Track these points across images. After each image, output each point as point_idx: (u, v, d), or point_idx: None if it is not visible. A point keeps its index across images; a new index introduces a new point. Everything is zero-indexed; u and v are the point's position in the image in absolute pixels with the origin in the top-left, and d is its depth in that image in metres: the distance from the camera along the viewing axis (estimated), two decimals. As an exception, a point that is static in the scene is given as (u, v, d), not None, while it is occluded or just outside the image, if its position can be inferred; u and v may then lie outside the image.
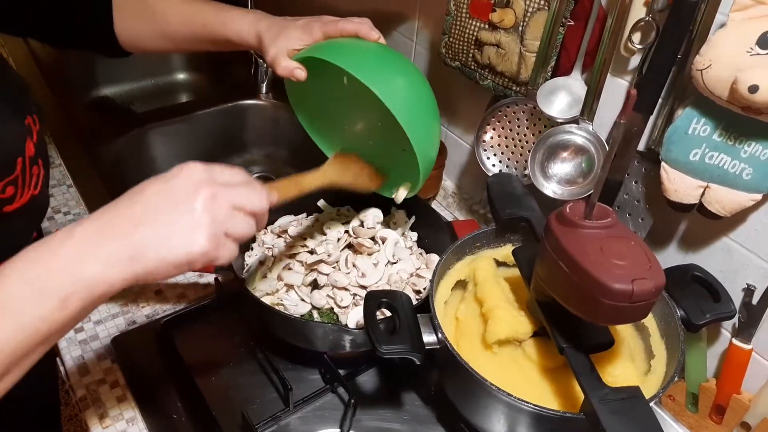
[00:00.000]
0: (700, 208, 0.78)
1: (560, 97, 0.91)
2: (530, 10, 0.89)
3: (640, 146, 0.84)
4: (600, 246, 0.60)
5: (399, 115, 0.73)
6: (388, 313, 0.74)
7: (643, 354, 0.78)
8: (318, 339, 0.82)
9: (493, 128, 1.02)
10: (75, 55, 1.59)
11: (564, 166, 0.92)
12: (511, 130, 1.01)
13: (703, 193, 0.77)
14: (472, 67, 1.01)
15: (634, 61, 0.84)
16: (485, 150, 1.04)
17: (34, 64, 1.55)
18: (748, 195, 0.74)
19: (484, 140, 1.03)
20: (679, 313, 0.74)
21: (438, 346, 0.70)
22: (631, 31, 0.80)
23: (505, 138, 1.02)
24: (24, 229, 0.73)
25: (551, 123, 0.93)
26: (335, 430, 0.81)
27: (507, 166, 1.03)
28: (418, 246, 1.01)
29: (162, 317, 0.93)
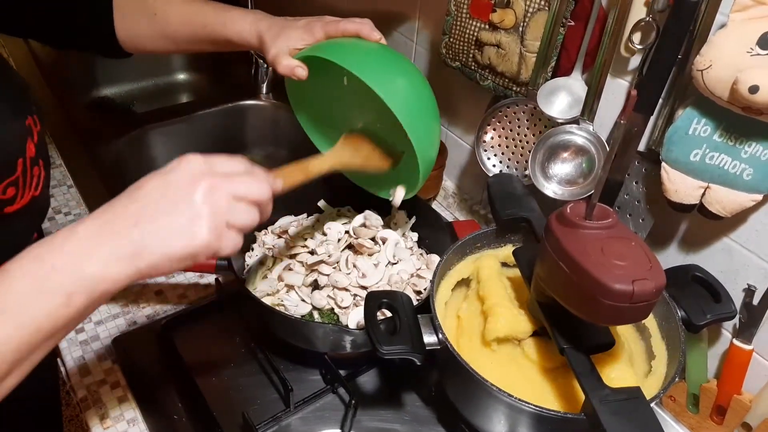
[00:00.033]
0: (701, 208, 0.78)
1: (560, 98, 0.91)
2: (530, 10, 0.89)
3: (641, 146, 0.84)
4: (600, 246, 0.60)
5: (400, 115, 0.73)
6: (388, 314, 0.74)
7: (644, 355, 0.78)
8: (318, 339, 0.82)
9: (494, 128, 1.02)
10: (75, 56, 1.59)
11: (564, 167, 0.92)
12: (511, 130, 1.00)
13: (704, 194, 0.77)
14: (473, 68, 1.01)
15: (635, 61, 0.84)
16: (486, 150, 1.04)
17: (35, 65, 1.55)
18: (749, 195, 0.74)
19: (485, 140, 1.03)
20: (680, 314, 0.74)
21: (438, 347, 0.70)
22: (632, 32, 0.80)
23: (506, 138, 1.02)
24: (25, 230, 0.73)
25: (551, 123, 0.93)
26: (336, 431, 0.81)
27: (507, 167, 1.03)
28: (418, 246, 1.01)
29: (162, 318, 0.94)
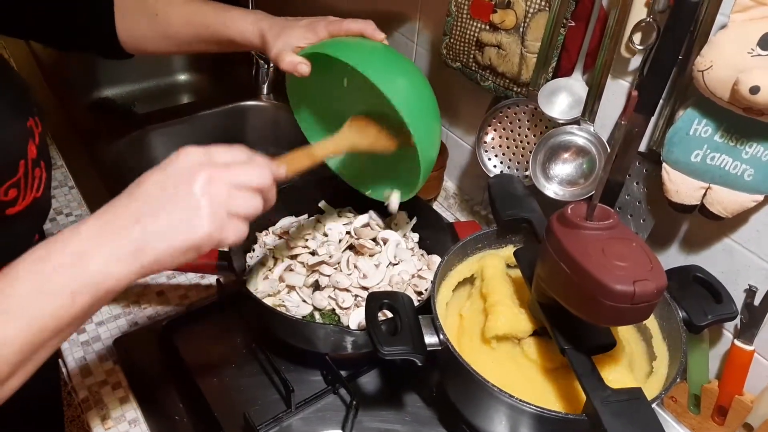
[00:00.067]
0: (702, 209, 0.78)
1: (561, 98, 0.91)
2: (531, 11, 0.89)
3: (642, 147, 0.84)
4: (601, 247, 0.61)
5: (404, 113, 0.73)
6: (389, 315, 0.74)
7: (645, 355, 0.78)
8: (319, 340, 0.83)
9: (494, 129, 1.02)
10: (76, 57, 1.59)
11: (565, 167, 0.92)
12: (512, 131, 1.01)
13: (705, 194, 0.77)
14: (473, 68, 1.01)
15: (635, 61, 0.84)
16: (486, 151, 1.04)
17: (36, 65, 1.56)
18: (750, 196, 0.74)
19: (485, 141, 1.03)
20: (681, 315, 0.74)
21: (439, 348, 0.70)
22: (632, 32, 0.80)
23: (506, 139, 1.02)
24: (26, 231, 0.73)
25: (552, 124, 0.93)
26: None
27: (508, 167, 1.03)
28: (419, 247, 1.01)
29: (164, 318, 0.94)
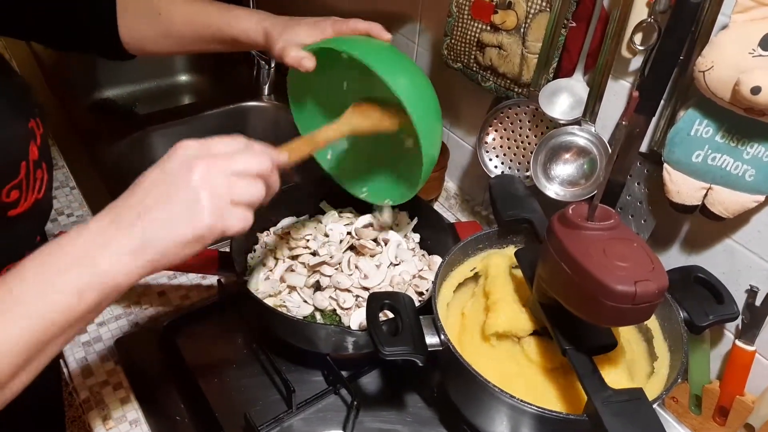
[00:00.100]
0: (703, 209, 0.78)
1: (562, 99, 0.91)
2: (532, 11, 0.89)
3: (643, 148, 0.84)
4: (602, 248, 0.60)
5: (409, 109, 0.74)
6: (390, 315, 0.74)
7: (646, 356, 0.78)
8: (320, 340, 0.83)
9: (495, 130, 1.02)
10: (77, 57, 1.59)
11: (566, 168, 0.92)
12: (513, 131, 1.01)
13: (706, 195, 0.77)
14: (474, 69, 1.01)
15: (636, 62, 0.84)
16: (487, 151, 1.04)
17: (37, 66, 1.56)
18: (751, 196, 0.74)
19: (486, 142, 1.03)
20: (682, 315, 0.74)
21: (440, 348, 0.70)
22: (633, 33, 0.80)
23: (507, 139, 1.02)
24: (28, 233, 0.73)
25: (553, 124, 0.93)
26: (338, 432, 0.81)
27: (509, 168, 1.03)
28: (420, 248, 1.01)
29: (165, 319, 0.94)
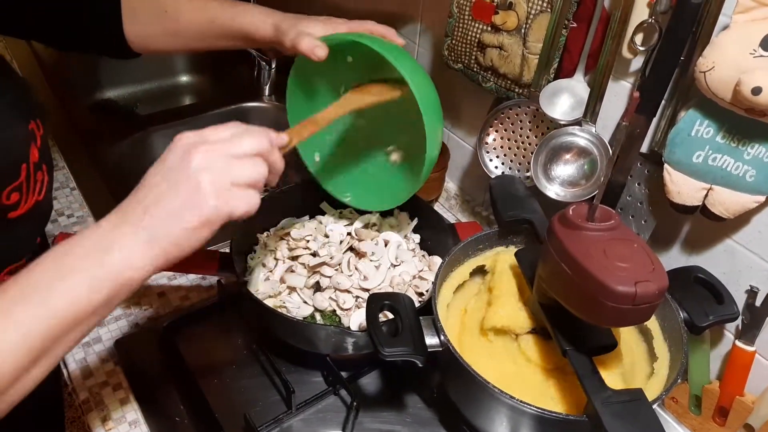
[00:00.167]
0: (703, 210, 0.78)
1: (563, 99, 0.91)
2: (533, 12, 0.89)
3: (643, 148, 0.84)
4: (603, 248, 0.60)
5: (420, 105, 0.74)
6: (390, 316, 0.74)
7: (646, 356, 0.78)
8: (320, 341, 0.82)
9: (496, 130, 1.02)
10: (78, 57, 1.59)
11: (567, 168, 0.92)
12: (513, 132, 1.00)
13: (706, 195, 0.77)
14: (475, 69, 1.01)
15: (637, 62, 0.84)
16: (488, 152, 1.04)
17: (37, 66, 1.56)
18: (752, 197, 0.74)
19: (487, 142, 1.03)
20: (682, 315, 0.74)
21: (440, 349, 0.70)
22: (634, 33, 0.80)
23: (508, 140, 1.02)
24: (28, 234, 0.73)
25: (554, 125, 0.93)
26: (338, 433, 0.81)
27: (510, 168, 1.03)
28: (420, 248, 1.00)
29: (164, 319, 0.94)
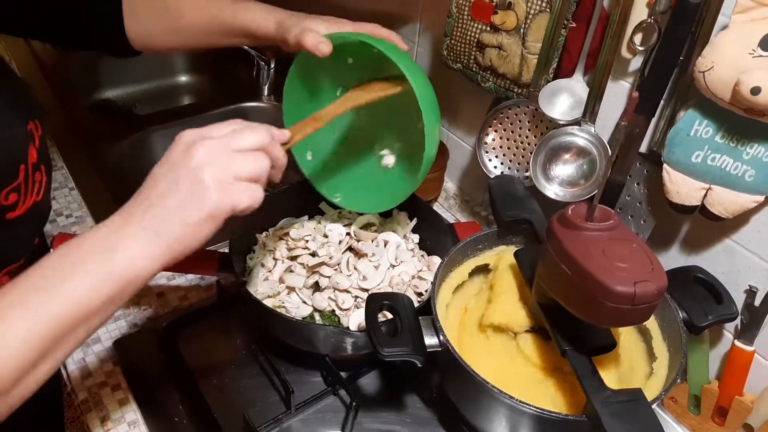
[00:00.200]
0: (702, 209, 0.78)
1: (562, 99, 0.91)
2: (532, 12, 0.89)
3: (642, 148, 0.84)
4: (602, 248, 0.60)
5: (422, 105, 0.75)
6: (389, 316, 0.74)
7: (645, 356, 0.78)
8: (319, 341, 0.82)
9: (495, 130, 1.02)
10: (77, 57, 1.59)
11: (566, 168, 0.92)
12: (512, 132, 1.00)
13: (705, 195, 0.77)
14: (474, 69, 1.01)
15: (636, 62, 0.84)
16: (487, 152, 1.03)
17: (36, 66, 1.56)
18: (751, 197, 0.74)
19: (486, 142, 1.03)
20: (682, 315, 0.74)
21: (440, 349, 0.70)
22: (633, 33, 0.80)
23: (507, 140, 1.02)
24: (27, 234, 0.73)
25: (553, 125, 0.93)
26: (337, 433, 0.81)
27: (509, 168, 1.03)
28: (419, 248, 1.00)
29: (164, 320, 0.94)
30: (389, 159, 0.96)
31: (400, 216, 1.02)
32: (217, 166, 0.55)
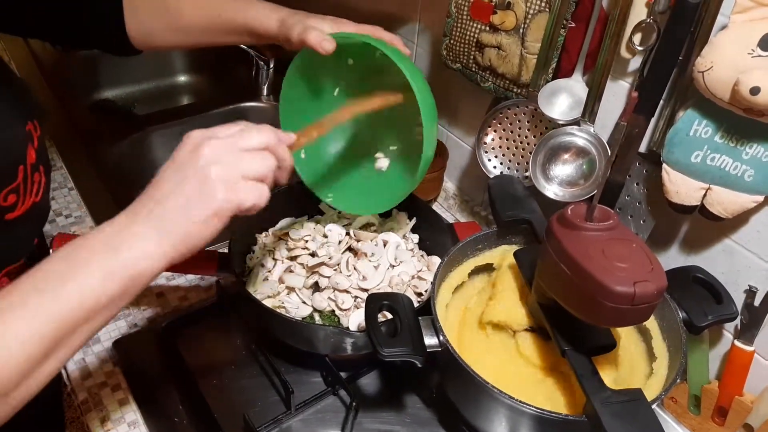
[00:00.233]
0: (702, 209, 0.78)
1: (561, 99, 0.91)
2: (531, 12, 0.89)
3: (642, 148, 0.84)
4: (602, 248, 0.60)
5: (424, 116, 0.75)
6: (389, 316, 0.74)
7: (645, 356, 0.78)
8: (319, 341, 0.82)
9: (494, 130, 1.02)
10: (76, 57, 1.59)
11: (565, 168, 0.92)
12: (512, 131, 1.00)
13: (705, 195, 0.77)
14: (473, 69, 1.01)
15: (635, 62, 0.84)
16: (486, 152, 1.03)
17: (36, 66, 1.55)
18: (750, 197, 0.74)
19: (486, 142, 1.03)
20: (681, 315, 0.74)
21: (439, 349, 0.70)
22: (633, 33, 0.80)
23: (507, 140, 1.02)
24: (26, 235, 0.73)
25: (552, 125, 0.93)
26: (337, 433, 0.81)
27: (508, 168, 1.03)
28: (419, 248, 1.00)
29: (163, 320, 0.93)
30: (383, 162, 0.96)
31: (399, 216, 1.02)
32: (225, 165, 0.55)
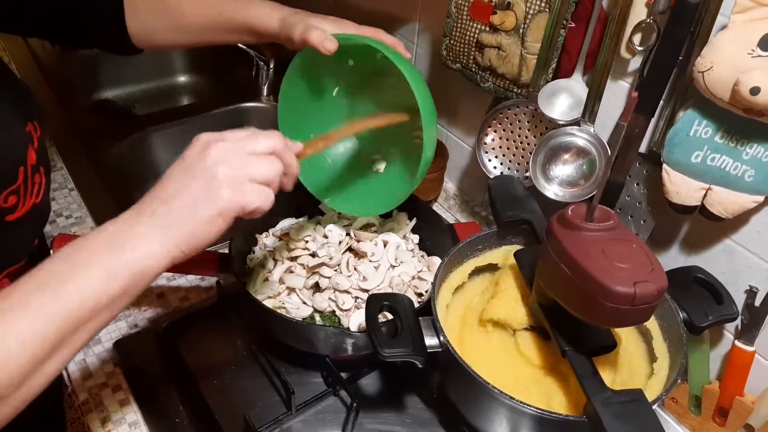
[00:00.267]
0: (702, 209, 0.78)
1: (561, 99, 0.91)
2: (531, 12, 0.89)
3: (642, 148, 0.84)
4: (602, 248, 0.60)
5: (422, 112, 0.76)
6: (389, 316, 0.74)
7: (646, 357, 0.78)
8: (320, 342, 0.82)
9: (495, 130, 1.02)
10: (76, 57, 1.59)
11: (565, 168, 0.92)
12: (512, 132, 1.00)
13: (705, 195, 0.77)
14: (473, 70, 1.01)
15: (635, 62, 0.84)
16: (486, 152, 1.03)
17: (36, 67, 1.55)
18: (750, 197, 0.74)
19: (486, 142, 1.03)
20: (682, 316, 0.74)
21: (440, 349, 0.70)
22: (633, 33, 0.80)
23: (507, 140, 1.02)
24: (27, 236, 0.73)
25: (552, 125, 0.93)
26: (337, 433, 0.81)
27: (508, 168, 1.03)
28: (419, 248, 1.00)
29: (164, 320, 0.93)
30: (381, 164, 0.97)
31: (400, 216, 1.02)
32: (232, 166, 0.56)
